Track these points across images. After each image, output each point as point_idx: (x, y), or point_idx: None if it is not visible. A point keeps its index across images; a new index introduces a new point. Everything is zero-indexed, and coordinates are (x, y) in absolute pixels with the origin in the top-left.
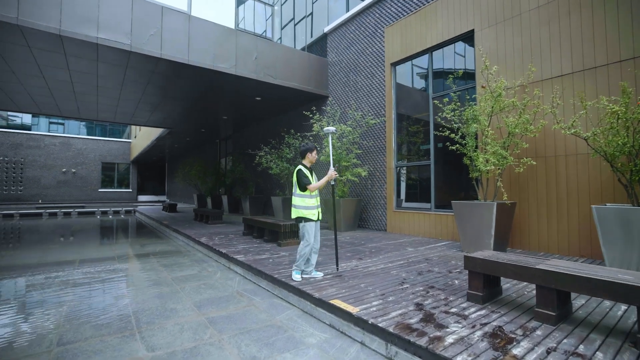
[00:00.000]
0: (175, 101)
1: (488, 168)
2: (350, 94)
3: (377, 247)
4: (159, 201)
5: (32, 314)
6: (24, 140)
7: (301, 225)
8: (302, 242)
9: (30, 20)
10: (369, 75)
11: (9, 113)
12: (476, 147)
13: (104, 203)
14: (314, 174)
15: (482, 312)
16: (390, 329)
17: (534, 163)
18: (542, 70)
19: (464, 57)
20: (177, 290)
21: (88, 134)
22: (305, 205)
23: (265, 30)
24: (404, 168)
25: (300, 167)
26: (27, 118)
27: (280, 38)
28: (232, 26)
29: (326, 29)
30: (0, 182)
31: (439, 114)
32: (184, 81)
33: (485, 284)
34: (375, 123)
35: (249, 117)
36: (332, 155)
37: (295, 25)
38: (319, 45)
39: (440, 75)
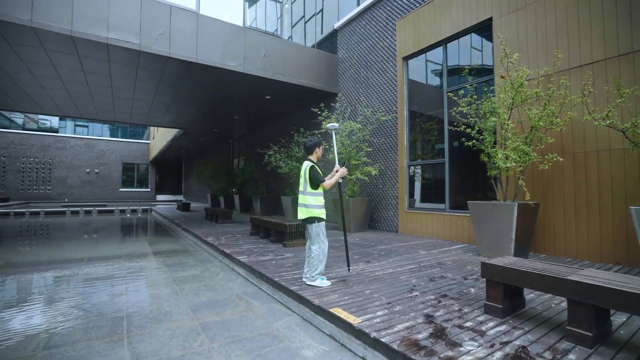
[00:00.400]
0: (187, 101)
1: (508, 165)
2: (361, 91)
3: (387, 250)
4: (175, 200)
5: (27, 313)
6: (52, 142)
7: (314, 225)
8: (315, 246)
9: (44, 22)
10: (380, 71)
11: (40, 117)
12: (495, 143)
13: (125, 202)
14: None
15: (502, 327)
16: (395, 346)
17: (561, 160)
18: (570, 58)
19: (481, 51)
20: (175, 291)
21: (110, 136)
22: (319, 204)
23: (276, 29)
24: (418, 167)
25: (311, 163)
26: (55, 121)
27: (291, 36)
28: (241, 24)
29: (336, 25)
30: (31, 182)
31: (454, 109)
32: (194, 80)
33: (505, 295)
34: (386, 120)
35: (260, 116)
36: (338, 153)
37: (305, 22)
38: (329, 42)
39: (455, 71)
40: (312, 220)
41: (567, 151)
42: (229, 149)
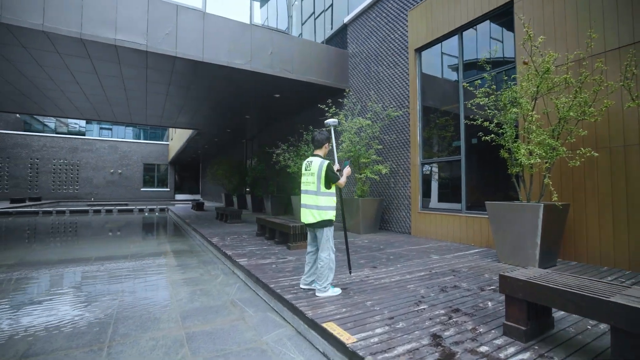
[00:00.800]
0: (198, 102)
1: (532, 162)
2: (372, 86)
3: (396, 254)
4: (193, 200)
5: (21, 313)
6: (80, 144)
7: (326, 230)
8: (325, 253)
9: (55, 26)
10: (392, 65)
11: (70, 120)
12: (516, 137)
13: (145, 201)
14: None
15: (525, 355)
16: None
17: (595, 155)
18: (606, 38)
19: (501, 41)
20: (170, 295)
21: (133, 138)
22: (332, 205)
23: (287, 28)
24: (433, 165)
25: (324, 160)
26: (82, 124)
27: (301, 34)
28: (248, 22)
29: (346, 20)
30: (61, 182)
31: (471, 101)
32: (203, 80)
33: (529, 314)
34: (397, 115)
35: (271, 115)
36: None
37: (315, 19)
38: (339, 38)
39: (472, 65)
40: (324, 224)
41: (602, 145)
42: (243, 149)
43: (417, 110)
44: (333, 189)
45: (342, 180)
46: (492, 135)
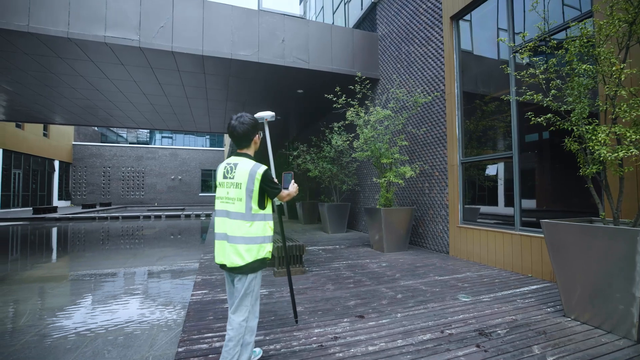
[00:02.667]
0: (219, 103)
1: (621, 155)
2: (402, 70)
3: (411, 289)
4: None
5: None
6: (144, 152)
7: (251, 278)
8: (243, 316)
9: (80, 32)
10: (424, 42)
11: (138, 131)
12: (592, 116)
13: (203, 206)
14: None
15: None
16: None
17: None
18: None
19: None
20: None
21: (191, 145)
22: (269, 235)
23: (317, 16)
24: (476, 165)
25: (257, 163)
26: (147, 133)
27: (333, 22)
28: (255, 7)
29: None
30: (129, 188)
31: (525, 72)
32: (215, 77)
33: None
34: (426, 102)
35: (302, 114)
36: (273, 157)
37: (346, 4)
38: (368, 20)
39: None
40: (255, 267)
41: None
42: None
43: (455, 94)
44: (269, 208)
45: (290, 191)
46: (550, 116)
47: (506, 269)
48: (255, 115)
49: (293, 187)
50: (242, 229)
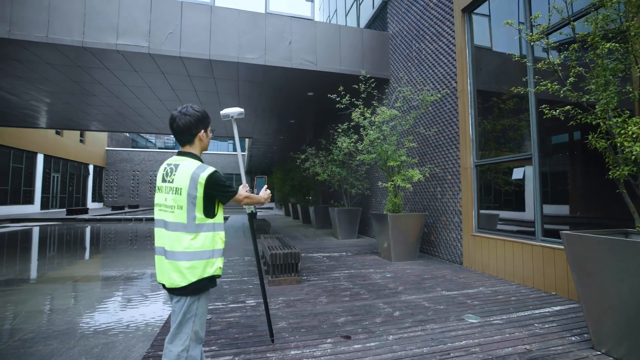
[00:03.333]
0: (230, 106)
1: None
2: (413, 68)
3: (411, 305)
4: (268, 207)
5: None
6: (169, 157)
7: (190, 301)
8: (178, 345)
9: (93, 41)
10: (435, 37)
11: (165, 137)
12: (620, 113)
13: (224, 209)
14: None
15: None
16: None
17: None
18: None
19: None
20: None
21: (214, 150)
22: (219, 248)
23: (330, 19)
24: (492, 167)
25: (204, 165)
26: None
27: (346, 23)
28: (262, 11)
29: None
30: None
31: (542, 63)
32: (225, 82)
33: None
34: (434, 100)
35: (316, 117)
36: (243, 156)
37: (359, 4)
38: (379, 20)
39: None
40: (199, 287)
41: None
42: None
43: (468, 92)
44: (220, 217)
45: (260, 197)
46: (568, 108)
47: (526, 284)
48: (222, 112)
49: (264, 193)
50: (184, 243)
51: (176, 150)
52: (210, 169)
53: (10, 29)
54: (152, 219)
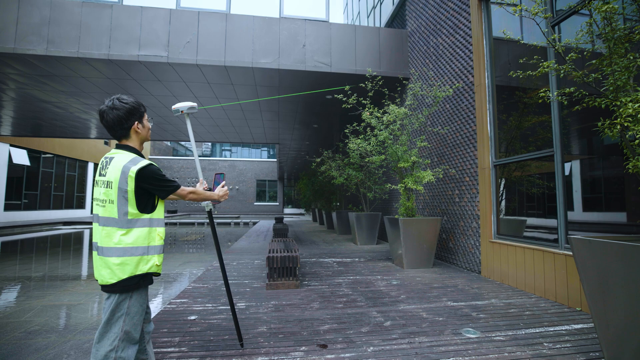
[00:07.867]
0: (254, 113)
1: None
2: (431, 65)
3: (406, 315)
4: (300, 213)
5: None
6: (206, 164)
7: (120, 299)
8: (106, 345)
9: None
10: (452, 30)
11: (203, 145)
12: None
13: (257, 214)
14: None
15: None
16: None
17: None
18: None
19: None
20: None
21: (247, 157)
22: (156, 245)
23: (354, 21)
24: (511, 167)
25: (138, 157)
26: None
27: (367, 25)
28: (277, 15)
29: None
30: None
31: (559, 44)
32: (243, 87)
33: None
34: (447, 96)
35: (340, 121)
36: (198, 153)
37: (381, 4)
38: (399, 18)
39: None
40: (129, 285)
41: None
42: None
43: (486, 85)
44: (159, 212)
45: (213, 194)
46: (573, 89)
47: (547, 298)
48: (173, 107)
49: (220, 190)
50: (114, 238)
51: (211, 158)
52: (143, 162)
53: (48, 47)
54: (184, 223)
